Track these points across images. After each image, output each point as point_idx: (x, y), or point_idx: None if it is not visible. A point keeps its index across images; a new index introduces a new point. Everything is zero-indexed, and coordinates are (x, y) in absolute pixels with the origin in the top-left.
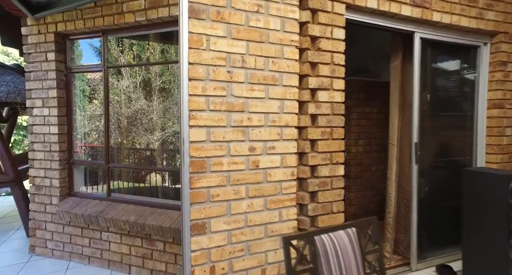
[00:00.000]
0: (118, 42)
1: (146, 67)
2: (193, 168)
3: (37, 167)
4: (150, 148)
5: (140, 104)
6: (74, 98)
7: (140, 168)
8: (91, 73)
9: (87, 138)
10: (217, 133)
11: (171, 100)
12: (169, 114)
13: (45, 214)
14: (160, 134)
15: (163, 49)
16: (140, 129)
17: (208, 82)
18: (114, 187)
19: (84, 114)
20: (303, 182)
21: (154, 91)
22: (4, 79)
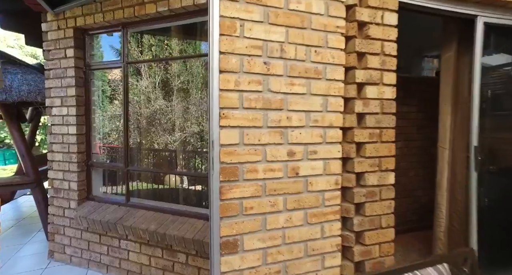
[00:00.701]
0: (137, 43)
1: (164, 67)
2: (224, 176)
3: (56, 169)
4: (170, 149)
5: (158, 105)
6: (93, 97)
7: (161, 172)
8: (111, 70)
9: (106, 138)
10: (251, 135)
11: (190, 100)
12: (188, 115)
13: (64, 219)
14: (179, 135)
15: (181, 49)
16: (159, 130)
17: (241, 75)
18: (133, 188)
19: (103, 114)
20: (347, 191)
21: (172, 91)
22: (25, 78)
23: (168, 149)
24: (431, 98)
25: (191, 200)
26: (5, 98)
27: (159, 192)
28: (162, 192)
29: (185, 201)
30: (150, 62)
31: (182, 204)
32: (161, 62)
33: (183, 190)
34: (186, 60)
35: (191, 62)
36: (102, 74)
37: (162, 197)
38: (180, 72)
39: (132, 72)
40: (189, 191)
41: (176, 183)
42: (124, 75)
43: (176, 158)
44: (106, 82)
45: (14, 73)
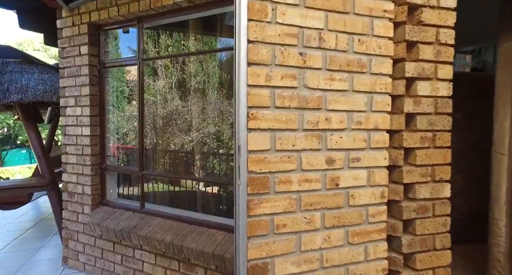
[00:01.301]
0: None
1: (181, 67)
2: (253, 188)
3: (70, 172)
4: (186, 150)
5: (175, 105)
6: (108, 96)
7: (178, 177)
8: (125, 68)
9: (120, 139)
10: (284, 140)
11: (206, 100)
12: (204, 115)
13: (77, 224)
14: (195, 135)
15: (198, 49)
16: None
17: (273, 68)
18: (148, 190)
19: (117, 114)
20: (394, 206)
21: (189, 91)
22: (41, 78)
23: (185, 151)
24: (467, 96)
25: (209, 206)
26: (21, 98)
27: (175, 196)
28: (178, 196)
29: (203, 208)
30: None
31: (200, 211)
32: (177, 62)
33: (200, 195)
34: (202, 61)
35: (207, 62)
36: (117, 73)
37: (178, 201)
38: (196, 72)
39: (148, 72)
40: (206, 195)
41: (192, 184)
42: (140, 73)
43: (193, 160)
44: (121, 81)
45: (31, 72)
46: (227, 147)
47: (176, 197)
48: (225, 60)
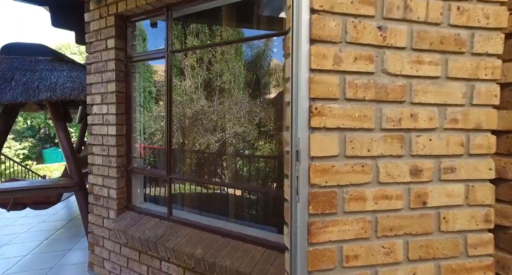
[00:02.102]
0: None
1: (207, 68)
2: (316, 206)
3: (96, 173)
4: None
5: (201, 105)
6: (134, 93)
7: (208, 183)
8: (154, 66)
9: (147, 140)
10: (357, 143)
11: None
12: (230, 115)
13: (103, 229)
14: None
15: (224, 50)
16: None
17: (344, 48)
18: (175, 191)
19: (144, 113)
20: (501, 233)
21: (214, 91)
22: (70, 75)
23: (215, 152)
24: None
25: (244, 214)
26: (49, 96)
27: (206, 201)
28: (208, 201)
29: (237, 216)
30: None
31: (233, 221)
32: (203, 62)
33: (233, 200)
34: (228, 61)
35: (233, 62)
36: (145, 73)
37: (209, 208)
38: (222, 72)
39: (175, 73)
40: (241, 201)
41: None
42: (168, 67)
43: (225, 163)
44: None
45: (60, 70)
46: (263, 149)
47: (206, 202)
48: (251, 60)
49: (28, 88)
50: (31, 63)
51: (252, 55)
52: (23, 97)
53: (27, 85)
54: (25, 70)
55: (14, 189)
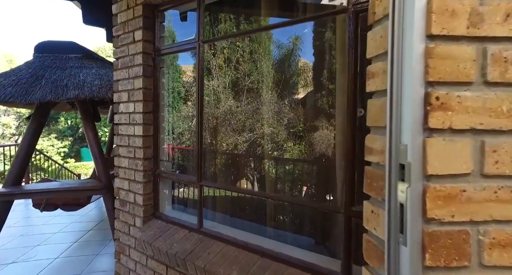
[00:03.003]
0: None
1: (235, 67)
2: (436, 256)
3: (122, 177)
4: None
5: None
6: (162, 90)
7: (247, 193)
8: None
9: (175, 140)
10: (505, 154)
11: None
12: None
13: (129, 237)
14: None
15: (252, 49)
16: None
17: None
18: (207, 202)
19: (172, 114)
20: None
21: (242, 91)
22: (99, 73)
23: (249, 154)
24: None
25: (285, 227)
26: (77, 94)
27: (241, 211)
28: (244, 211)
29: (279, 232)
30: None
31: (274, 237)
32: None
33: (274, 210)
34: (256, 60)
35: (261, 62)
36: (174, 73)
37: (244, 219)
38: (250, 72)
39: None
40: (282, 210)
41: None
42: (199, 58)
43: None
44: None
45: (89, 67)
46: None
47: (241, 211)
48: (279, 60)
49: (57, 87)
50: (61, 61)
51: (280, 55)
52: (52, 96)
53: (56, 84)
54: (55, 68)
55: (43, 190)
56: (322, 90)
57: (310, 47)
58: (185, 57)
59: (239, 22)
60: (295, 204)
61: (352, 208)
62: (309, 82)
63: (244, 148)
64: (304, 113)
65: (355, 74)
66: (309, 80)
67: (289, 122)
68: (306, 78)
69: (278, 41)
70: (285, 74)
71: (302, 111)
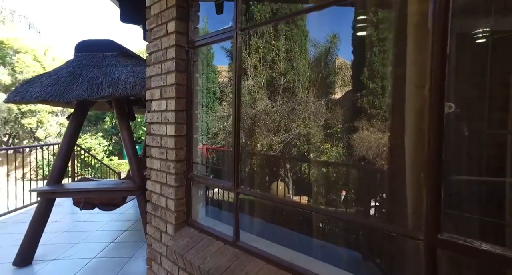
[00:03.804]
0: (245, 45)
1: (270, 66)
2: None
3: (154, 180)
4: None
5: (264, 105)
6: (196, 86)
7: (293, 205)
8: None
9: (210, 141)
10: None
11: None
12: (294, 116)
13: (160, 244)
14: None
15: (288, 48)
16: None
17: None
18: (244, 208)
19: (207, 111)
20: None
21: (277, 91)
22: (133, 70)
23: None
24: None
25: (337, 243)
26: (111, 92)
27: (281, 218)
28: (285, 218)
29: (328, 247)
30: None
31: (323, 256)
32: (266, 62)
33: (323, 224)
34: (292, 59)
35: (297, 61)
36: (210, 74)
37: (287, 230)
38: (286, 71)
39: None
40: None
41: (285, 191)
42: (237, 48)
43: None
44: (212, 82)
45: (124, 65)
46: (329, 153)
47: (285, 222)
48: (315, 59)
49: (93, 85)
50: (98, 59)
51: (316, 54)
52: (87, 94)
53: (92, 82)
54: (92, 67)
55: (80, 189)
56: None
57: (349, 44)
58: (220, 57)
59: (276, 10)
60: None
61: (438, 235)
62: (347, 81)
63: (286, 149)
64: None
65: (442, 57)
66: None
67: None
68: (343, 77)
69: (315, 40)
70: (322, 73)
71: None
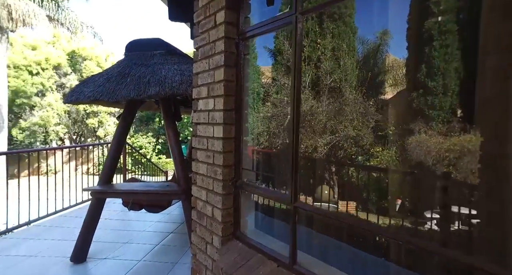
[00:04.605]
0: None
1: (315, 65)
2: None
3: (199, 185)
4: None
5: (309, 105)
6: (246, 82)
7: (370, 230)
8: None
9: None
10: None
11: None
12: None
13: (206, 257)
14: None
15: (334, 47)
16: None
17: None
18: (301, 219)
19: (252, 113)
20: None
21: (323, 91)
22: (180, 68)
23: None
24: None
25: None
26: (158, 91)
27: (347, 233)
28: (357, 245)
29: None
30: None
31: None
32: (311, 61)
33: (399, 246)
34: (339, 58)
35: (344, 59)
36: (254, 74)
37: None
38: (332, 70)
39: (281, 71)
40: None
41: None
42: (297, 34)
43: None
44: (256, 82)
45: (171, 63)
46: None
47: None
48: (363, 57)
49: (140, 84)
50: (146, 58)
51: (364, 52)
52: (135, 93)
53: (139, 81)
54: (140, 66)
55: (127, 191)
56: None
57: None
58: (264, 58)
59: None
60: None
61: None
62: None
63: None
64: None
65: None
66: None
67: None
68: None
69: (363, 37)
70: (371, 72)
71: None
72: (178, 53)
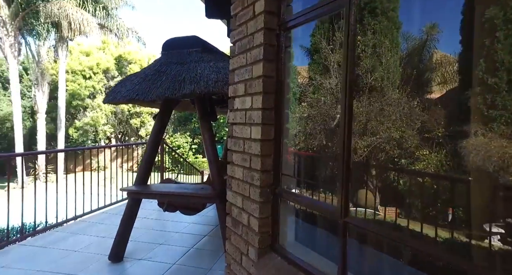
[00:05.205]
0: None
1: (356, 62)
2: None
3: (235, 190)
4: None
5: None
6: (287, 78)
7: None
8: (297, 61)
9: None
10: None
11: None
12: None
13: (241, 269)
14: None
15: (375, 43)
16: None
17: None
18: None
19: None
20: None
21: (363, 90)
22: (216, 66)
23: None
24: None
25: None
26: (193, 89)
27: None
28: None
29: None
30: None
31: None
32: None
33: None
34: (381, 55)
35: (387, 56)
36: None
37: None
38: (373, 68)
39: (319, 70)
40: None
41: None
42: (351, 23)
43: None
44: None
45: (207, 61)
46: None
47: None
48: (408, 53)
49: (175, 82)
50: (182, 56)
51: (408, 48)
52: (170, 92)
53: (175, 79)
54: (176, 64)
55: (161, 192)
56: None
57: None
58: (300, 57)
59: None
60: None
61: None
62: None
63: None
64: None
65: None
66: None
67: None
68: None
69: (407, 33)
70: (417, 70)
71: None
72: (214, 51)
